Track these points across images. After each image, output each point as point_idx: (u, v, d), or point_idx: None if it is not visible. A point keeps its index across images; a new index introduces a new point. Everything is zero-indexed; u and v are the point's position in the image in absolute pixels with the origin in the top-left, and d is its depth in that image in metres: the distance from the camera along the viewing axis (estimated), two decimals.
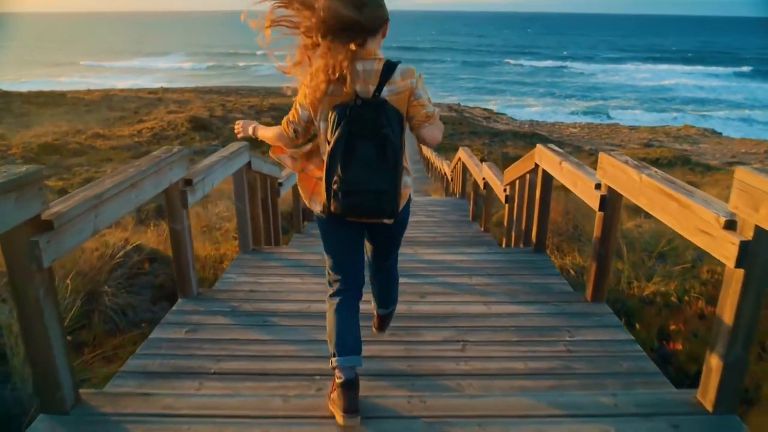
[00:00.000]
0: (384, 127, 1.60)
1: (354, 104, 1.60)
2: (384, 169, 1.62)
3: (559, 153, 3.03)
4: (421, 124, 1.70)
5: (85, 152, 19.77)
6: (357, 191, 1.63)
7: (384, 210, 1.67)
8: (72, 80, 48.82)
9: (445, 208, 6.69)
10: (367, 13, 1.60)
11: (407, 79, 1.67)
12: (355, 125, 1.60)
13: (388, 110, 1.62)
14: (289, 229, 6.16)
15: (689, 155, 21.18)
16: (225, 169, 2.89)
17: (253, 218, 3.64)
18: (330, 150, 1.61)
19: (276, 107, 31.08)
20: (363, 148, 1.61)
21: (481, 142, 22.13)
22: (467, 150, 6.58)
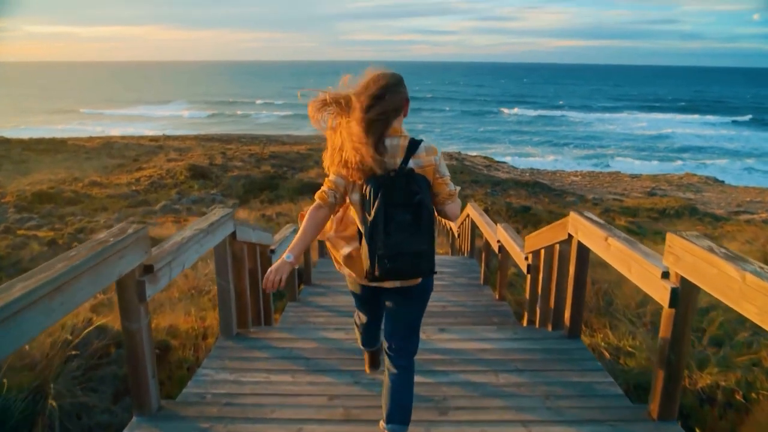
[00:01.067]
0: (417, 194, 1.77)
1: (388, 176, 1.77)
2: (420, 233, 1.78)
3: (603, 226, 2.54)
4: (445, 201, 1.89)
5: (80, 201, 19.41)
6: (399, 254, 1.77)
7: (423, 270, 1.84)
8: (73, 127, 49.20)
9: (454, 269, 6.16)
10: (388, 99, 1.80)
11: (431, 156, 1.85)
12: (391, 195, 1.76)
13: (418, 179, 1.79)
14: (283, 294, 5.62)
15: (695, 204, 20.82)
16: (202, 245, 2.38)
17: (239, 295, 3.11)
18: (372, 220, 1.77)
19: (276, 155, 31.01)
20: (400, 215, 1.77)
21: (483, 191, 21.81)
22: (476, 206, 6.12)
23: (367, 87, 1.81)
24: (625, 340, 3.75)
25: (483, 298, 5.07)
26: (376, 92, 1.79)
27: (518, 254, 3.93)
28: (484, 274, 5.55)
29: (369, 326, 2.26)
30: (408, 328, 2.04)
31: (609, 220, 12.99)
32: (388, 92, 1.81)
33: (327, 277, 5.75)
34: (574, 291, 2.88)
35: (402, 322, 2.03)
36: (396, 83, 1.85)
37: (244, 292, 3.15)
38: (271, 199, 19.67)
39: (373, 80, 1.83)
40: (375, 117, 1.77)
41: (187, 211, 17.70)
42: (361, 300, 2.15)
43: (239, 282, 3.10)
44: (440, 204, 1.89)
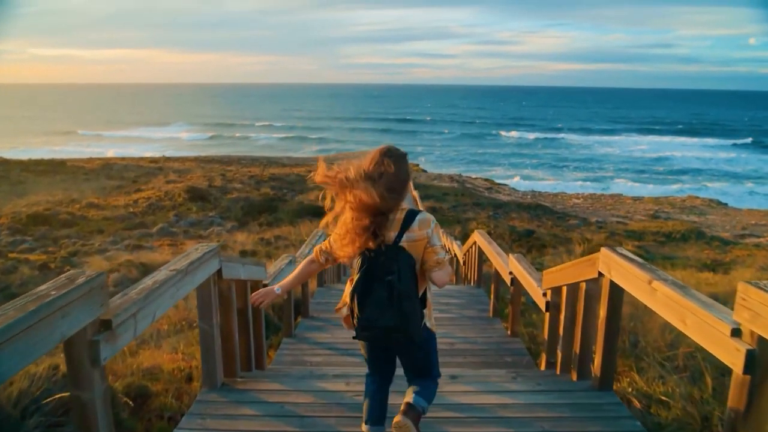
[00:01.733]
0: (392, 274, 1.86)
1: (377, 250, 1.89)
2: (392, 309, 1.86)
3: (645, 266, 2.19)
4: (432, 269, 1.96)
5: (76, 223, 19.10)
6: (371, 327, 1.90)
7: (399, 340, 1.94)
8: (70, 149, 49.18)
9: (461, 300, 5.78)
10: (388, 200, 1.88)
11: (424, 229, 1.94)
12: (373, 270, 1.88)
13: (400, 258, 1.89)
14: (279, 327, 5.24)
15: (700, 228, 20.49)
16: (179, 288, 2.04)
17: (226, 339, 2.75)
18: (351, 290, 1.93)
19: (276, 177, 30.81)
20: (377, 289, 1.88)
21: (485, 214, 21.49)
22: (484, 234, 5.78)
23: (372, 173, 1.89)
24: (655, 385, 3.38)
25: (494, 333, 4.69)
26: (380, 180, 1.87)
27: (535, 290, 3.57)
28: (493, 306, 5.18)
29: (377, 384, 2.19)
30: (419, 372, 2.14)
31: (615, 244, 12.64)
32: (392, 192, 1.89)
33: (326, 309, 5.38)
34: (606, 337, 2.52)
35: (413, 368, 2.15)
36: (399, 167, 1.93)
37: (232, 336, 2.79)
38: (270, 222, 19.37)
39: (377, 164, 1.90)
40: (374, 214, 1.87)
41: (184, 234, 17.36)
42: (367, 351, 2.18)
43: (227, 324, 2.74)
44: (428, 271, 1.97)
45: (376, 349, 2.12)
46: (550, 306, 3.33)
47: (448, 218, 19.86)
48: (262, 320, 3.35)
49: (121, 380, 3.18)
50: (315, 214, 20.01)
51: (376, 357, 2.15)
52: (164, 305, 1.91)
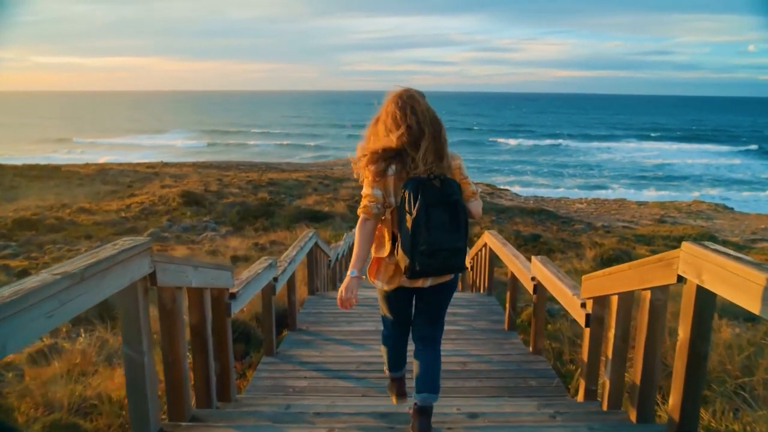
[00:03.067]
0: (453, 194, 1.94)
1: (426, 178, 1.93)
2: (457, 230, 1.94)
3: (762, 267, 1.49)
4: (469, 199, 2.04)
5: (63, 228, 18.43)
6: (438, 250, 1.90)
7: (458, 266, 2.01)
8: (62, 157, 48.52)
9: (470, 309, 5.06)
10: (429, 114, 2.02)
11: (456, 160, 2.06)
12: (430, 196, 1.91)
13: (451, 181, 1.98)
14: (260, 340, 4.52)
15: (711, 232, 19.80)
16: (69, 301, 1.30)
17: (172, 367, 2.04)
18: (414, 218, 1.89)
19: (275, 182, 30.17)
20: (439, 214, 1.91)
21: (488, 218, 20.80)
22: (497, 234, 5.06)
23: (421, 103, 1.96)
24: (727, 421, 2.67)
25: (512, 350, 3.96)
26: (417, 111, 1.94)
27: (569, 299, 2.86)
28: (509, 317, 4.46)
29: (397, 340, 2.32)
30: (435, 320, 2.21)
31: (629, 249, 11.93)
32: (426, 109, 1.98)
33: (317, 321, 4.67)
34: (690, 367, 1.80)
35: (430, 315, 2.20)
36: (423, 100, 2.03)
37: (179, 363, 2.07)
38: (265, 227, 18.78)
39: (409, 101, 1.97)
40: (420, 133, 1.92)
41: (176, 239, 16.71)
42: (393, 304, 2.20)
43: (172, 348, 2.03)
44: (465, 201, 2.00)
45: (407, 302, 2.18)
46: (592, 320, 2.62)
47: None
48: (229, 339, 2.64)
49: (44, 418, 2.47)
50: (312, 219, 19.40)
51: (407, 306, 2.20)
52: (30, 329, 1.18)
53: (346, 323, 4.58)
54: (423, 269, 1.91)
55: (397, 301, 2.16)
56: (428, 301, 2.16)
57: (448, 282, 2.08)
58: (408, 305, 2.20)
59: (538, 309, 3.70)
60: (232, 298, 2.58)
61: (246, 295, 2.83)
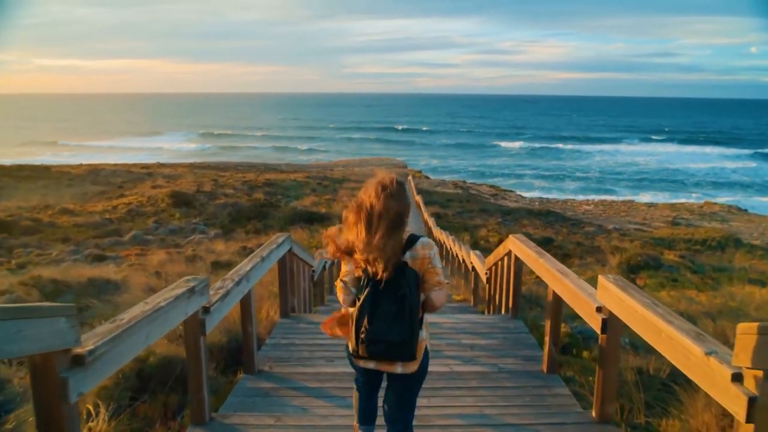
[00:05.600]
0: (402, 288, 1.92)
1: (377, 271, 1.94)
2: (401, 323, 1.91)
3: None
4: (432, 288, 1.99)
5: (40, 230, 17.24)
6: (378, 340, 1.93)
7: (402, 356, 1.97)
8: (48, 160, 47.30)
9: (493, 338, 3.81)
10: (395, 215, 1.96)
11: (426, 250, 2.01)
12: (378, 287, 1.93)
13: (407, 273, 1.95)
14: (218, 386, 3.28)
15: (733, 235, 18.53)
16: None
17: None
18: (359, 305, 1.95)
19: (272, 182, 29.06)
20: (385, 306, 1.92)
21: (494, 221, 19.58)
22: (527, 241, 3.83)
23: (374, 205, 1.94)
24: None
25: (563, 414, 2.71)
26: (383, 210, 1.93)
27: (693, 353, 1.61)
28: (549, 355, 3.21)
29: (369, 393, 2.29)
30: (403, 405, 2.16)
31: (657, 256, 10.67)
32: (394, 207, 1.95)
33: (286, 357, 3.44)
34: None
35: (399, 398, 2.14)
36: (400, 195, 1.99)
37: None
38: (258, 229, 17.63)
39: (378, 194, 1.96)
40: (384, 233, 1.92)
41: (159, 242, 15.54)
42: (359, 368, 2.17)
43: None
44: (426, 290, 1.99)
45: (374, 382, 2.19)
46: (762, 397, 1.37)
47: (454, 225, 17.99)
48: None
49: None
50: (308, 221, 18.21)
51: (371, 382, 2.20)
52: None
53: (326, 361, 3.35)
54: (364, 354, 1.96)
55: (366, 374, 2.17)
56: (395, 384, 2.12)
57: (414, 373, 2.04)
58: (373, 384, 2.22)
59: (607, 356, 2.45)
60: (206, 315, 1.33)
61: (114, 358, 1.57)
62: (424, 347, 2.04)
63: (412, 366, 2.00)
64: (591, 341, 5.33)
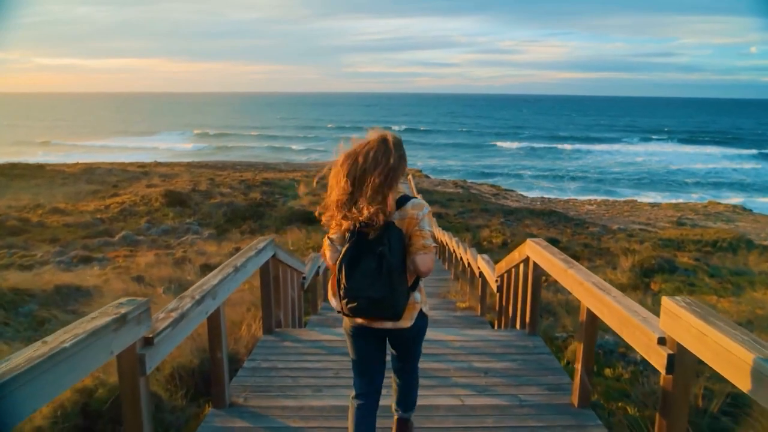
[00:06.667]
0: (381, 245, 1.87)
1: (360, 227, 1.91)
2: (379, 280, 1.86)
3: None
4: (417, 251, 1.93)
5: (27, 230, 16.68)
6: (356, 297, 1.89)
7: (384, 313, 1.92)
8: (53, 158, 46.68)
9: (509, 361, 3.24)
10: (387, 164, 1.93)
11: (416, 210, 1.97)
12: (362, 243, 1.90)
13: (391, 232, 1.90)
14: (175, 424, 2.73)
15: (743, 236, 17.99)
16: None
17: None
18: (339, 260, 1.92)
19: (269, 182, 28.52)
20: (365, 263, 1.88)
21: (496, 221, 19.05)
22: (549, 246, 3.29)
23: (367, 153, 1.92)
24: None
25: None
26: (378, 158, 1.90)
27: None
28: (581, 386, 2.66)
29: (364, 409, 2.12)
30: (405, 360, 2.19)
31: (671, 258, 10.12)
32: (390, 157, 1.92)
33: (266, 385, 2.88)
34: None
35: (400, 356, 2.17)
36: (397, 147, 1.97)
37: None
38: (253, 230, 17.13)
39: (373, 143, 1.94)
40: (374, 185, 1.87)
41: (151, 242, 14.99)
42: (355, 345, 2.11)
43: None
44: (412, 253, 1.94)
45: (369, 342, 2.08)
46: None
47: (456, 225, 17.47)
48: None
49: None
50: (305, 221, 17.66)
51: (368, 354, 2.10)
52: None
53: (313, 391, 2.79)
54: (345, 310, 1.94)
55: (359, 342, 2.09)
56: (392, 344, 2.13)
57: (407, 329, 2.02)
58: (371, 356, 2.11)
59: (674, 404, 1.88)
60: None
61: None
62: (418, 309, 2.01)
63: (403, 323, 1.98)
64: (613, 356, 4.78)
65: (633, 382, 4.38)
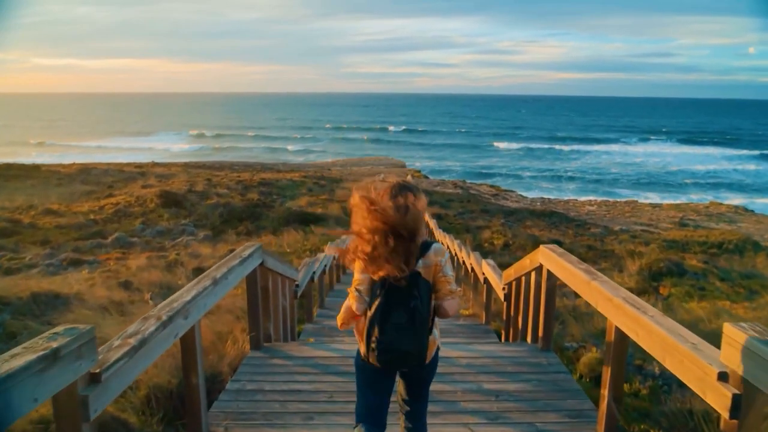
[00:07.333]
0: (414, 299, 1.88)
1: (392, 279, 1.88)
2: (413, 334, 1.89)
3: None
4: (445, 297, 1.97)
5: (18, 232, 16.32)
6: (388, 350, 1.90)
7: (412, 363, 1.96)
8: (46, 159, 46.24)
9: (522, 381, 2.93)
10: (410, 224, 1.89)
11: (438, 257, 1.97)
12: (392, 296, 1.90)
13: (420, 284, 1.91)
14: None
15: (749, 237, 17.70)
16: None
17: None
18: (370, 315, 1.92)
19: (267, 182, 28.17)
20: (397, 316, 1.89)
21: (497, 221, 18.73)
22: (566, 254, 2.97)
23: (389, 208, 1.86)
24: None
25: None
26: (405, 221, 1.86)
27: None
28: (608, 413, 2.34)
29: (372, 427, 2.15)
30: (417, 396, 2.15)
31: (680, 261, 9.81)
32: (416, 217, 1.90)
33: (250, 411, 2.56)
34: None
35: (412, 389, 2.14)
36: (421, 203, 1.93)
37: None
38: (250, 231, 16.78)
39: (400, 205, 1.88)
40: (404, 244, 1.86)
41: (144, 244, 14.65)
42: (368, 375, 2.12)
43: None
44: (440, 299, 1.97)
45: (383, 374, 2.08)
46: None
47: (456, 226, 17.14)
48: None
49: None
50: (303, 222, 17.35)
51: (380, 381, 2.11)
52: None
53: (303, 419, 2.46)
54: (374, 362, 1.94)
55: (369, 375, 2.09)
56: (404, 380, 2.14)
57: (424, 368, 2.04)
58: (383, 384, 2.11)
59: None
60: None
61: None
62: (435, 346, 2.04)
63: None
64: (629, 369, 4.44)
65: (652, 398, 4.06)
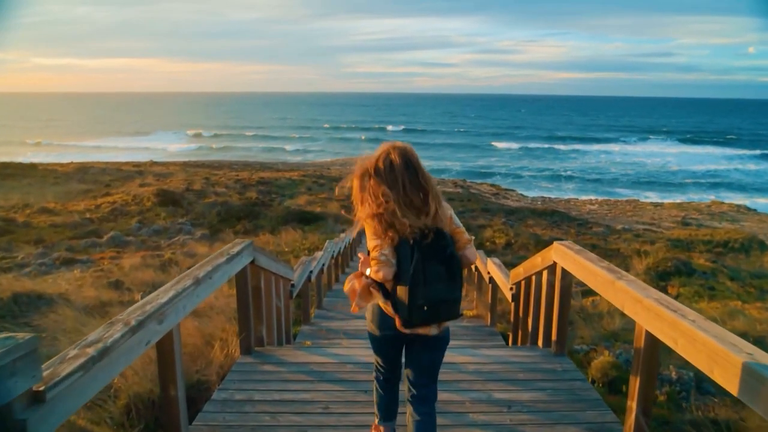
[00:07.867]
0: (448, 247, 1.95)
1: (420, 235, 1.93)
2: (454, 281, 1.96)
3: None
4: (465, 247, 2.06)
5: (12, 231, 16.08)
6: (438, 302, 1.93)
7: (454, 314, 2.01)
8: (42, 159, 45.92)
9: (536, 390, 2.69)
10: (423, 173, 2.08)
11: (449, 210, 2.08)
12: (425, 251, 1.92)
13: (446, 235, 1.99)
14: None
15: (755, 236, 17.47)
16: None
17: None
18: (412, 275, 1.90)
19: (265, 181, 27.94)
20: (435, 268, 1.92)
21: (498, 220, 18.48)
22: (583, 251, 2.71)
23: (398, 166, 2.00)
24: None
25: None
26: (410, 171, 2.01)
27: None
28: (636, 428, 2.09)
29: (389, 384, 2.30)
30: (429, 377, 2.17)
31: (687, 260, 9.57)
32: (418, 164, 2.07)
33: (236, 427, 2.31)
34: None
35: (424, 370, 2.16)
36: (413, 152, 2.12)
37: None
38: (247, 230, 16.55)
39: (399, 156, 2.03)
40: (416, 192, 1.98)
41: (140, 243, 14.41)
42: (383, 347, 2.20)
43: None
44: (460, 249, 2.03)
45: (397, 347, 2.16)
46: None
47: None
48: None
49: None
50: (302, 221, 17.13)
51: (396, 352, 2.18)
52: None
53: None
54: (419, 320, 1.95)
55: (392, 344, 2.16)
56: (420, 356, 2.13)
57: (437, 335, 2.07)
58: (397, 353, 2.20)
59: None
60: None
61: None
62: None
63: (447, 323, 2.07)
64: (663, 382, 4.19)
65: (670, 405, 3.83)
